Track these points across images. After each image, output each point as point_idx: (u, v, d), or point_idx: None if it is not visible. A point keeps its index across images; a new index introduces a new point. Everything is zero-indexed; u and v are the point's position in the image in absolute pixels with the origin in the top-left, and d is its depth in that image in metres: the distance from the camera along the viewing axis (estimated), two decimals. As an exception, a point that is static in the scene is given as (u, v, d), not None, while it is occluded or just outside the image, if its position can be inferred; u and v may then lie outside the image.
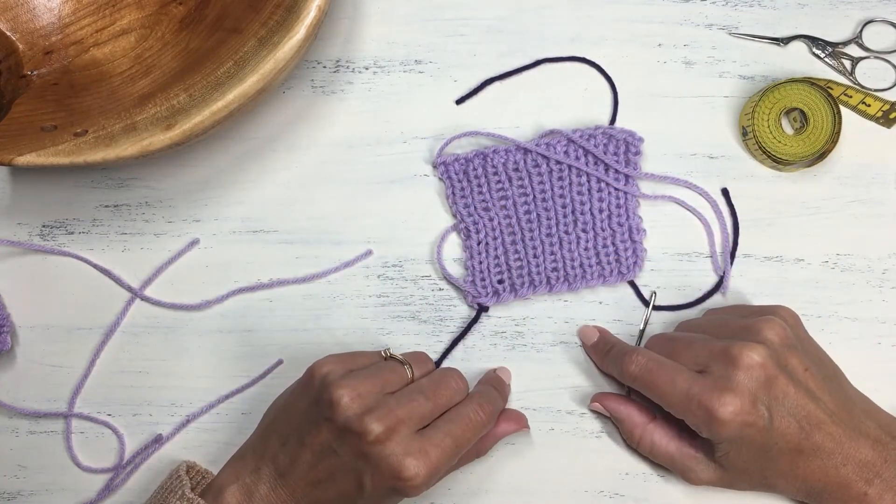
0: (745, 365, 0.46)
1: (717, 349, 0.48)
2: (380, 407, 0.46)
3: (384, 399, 0.47)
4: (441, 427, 0.47)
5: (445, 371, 0.51)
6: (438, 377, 0.50)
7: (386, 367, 0.50)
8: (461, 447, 0.48)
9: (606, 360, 0.54)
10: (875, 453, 0.47)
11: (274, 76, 0.50)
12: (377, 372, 0.49)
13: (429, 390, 0.48)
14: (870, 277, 0.57)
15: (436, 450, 0.46)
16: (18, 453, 0.57)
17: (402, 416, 0.46)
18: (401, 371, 0.50)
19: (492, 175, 0.57)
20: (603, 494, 0.55)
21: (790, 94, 0.56)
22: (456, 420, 0.48)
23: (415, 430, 0.47)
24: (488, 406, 0.50)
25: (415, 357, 0.52)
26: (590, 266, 0.57)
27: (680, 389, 0.47)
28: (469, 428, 0.48)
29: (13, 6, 0.58)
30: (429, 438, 0.46)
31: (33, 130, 0.53)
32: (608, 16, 0.60)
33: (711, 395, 0.46)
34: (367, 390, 0.47)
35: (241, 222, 0.59)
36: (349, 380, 0.47)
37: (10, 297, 0.59)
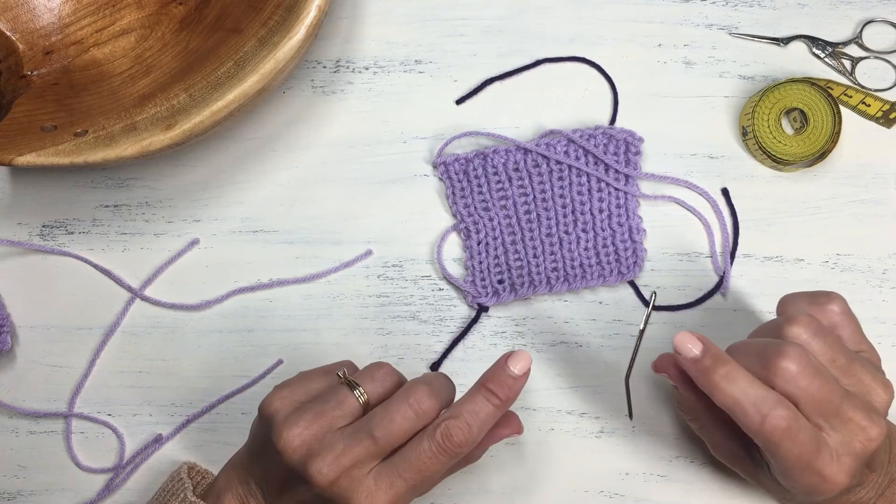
0: (869, 439, 0.43)
1: (851, 418, 0.43)
2: (325, 451, 0.43)
3: (332, 440, 0.44)
4: (395, 466, 0.44)
5: (408, 392, 0.44)
6: (396, 404, 0.44)
7: (335, 396, 0.45)
8: (420, 484, 0.44)
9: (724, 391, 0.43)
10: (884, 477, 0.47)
11: (274, 76, 0.50)
12: (325, 407, 0.45)
13: (379, 427, 0.43)
14: (870, 277, 0.57)
15: (388, 493, 0.44)
16: (18, 453, 0.57)
17: (346, 464, 0.43)
18: (351, 400, 0.45)
19: (492, 175, 0.57)
20: (603, 494, 0.55)
21: (790, 94, 0.56)
22: (412, 457, 0.44)
23: (366, 470, 0.44)
24: (454, 439, 0.43)
25: (370, 376, 0.47)
26: (590, 266, 0.57)
27: (813, 461, 0.42)
28: (429, 465, 0.43)
29: (13, 6, 0.58)
30: (380, 480, 0.44)
31: (33, 130, 0.53)
32: (608, 16, 0.60)
33: (833, 470, 0.43)
34: (311, 433, 0.44)
35: (241, 222, 0.59)
36: (293, 424, 0.44)
37: (10, 297, 0.59)
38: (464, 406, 0.44)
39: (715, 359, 0.43)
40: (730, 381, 0.43)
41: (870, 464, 0.46)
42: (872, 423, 0.43)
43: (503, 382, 0.45)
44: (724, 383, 0.43)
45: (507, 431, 0.49)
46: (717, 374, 0.43)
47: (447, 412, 0.44)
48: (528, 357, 0.46)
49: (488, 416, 0.44)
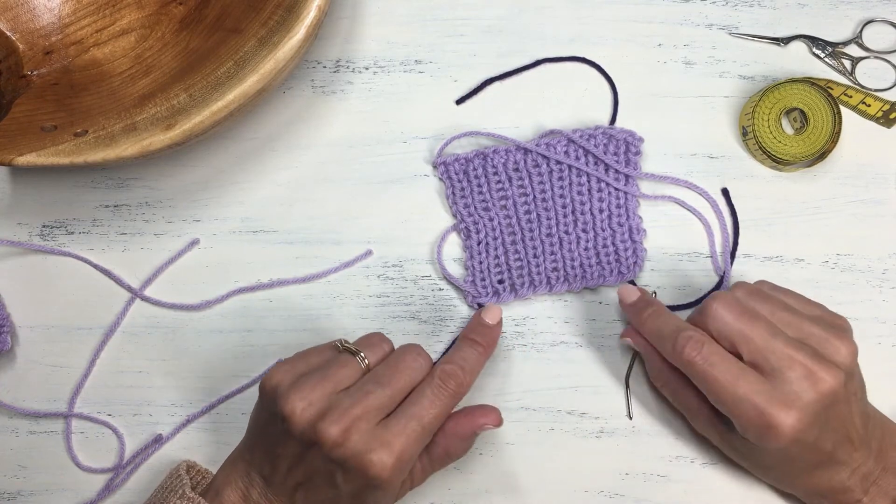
0: (822, 385, 0.44)
1: (800, 360, 0.45)
2: (333, 409, 0.45)
3: (337, 399, 0.45)
4: (403, 412, 0.46)
5: (403, 350, 0.48)
6: (395, 360, 0.48)
7: (336, 362, 0.47)
8: (428, 428, 0.46)
9: (649, 327, 0.50)
10: (875, 463, 0.48)
11: (274, 76, 0.50)
12: (327, 371, 0.47)
13: (384, 377, 0.46)
14: (870, 277, 0.57)
15: (399, 438, 0.45)
16: (18, 453, 0.57)
17: (357, 413, 0.45)
18: (353, 363, 0.47)
19: (492, 175, 0.57)
20: (603, 494, 0.55)
21: (790, 94, 0.56)
22: (417, 402, 0.46)
23: (375, 422, 0.45)
24: (451, 380, 0.47)
25: (368, 342, 0.49)
26: (590, 266, 0.57)
27: (741, 392, 0.45)
28: (431, 407, 0.46)
29: (13, 6, 0.58)
30: (390, 428, 0.45)
31: (33, 130, 0.53)
32: (608, 16, 0.60)
33: (776, 407, 0.44)
34: (317, 395, 0.45)
35: (241, 222, 0.59)
36: (298, 388, 0.46)
37: (10, 297, 0.59)
38: (454, 354, 0.50)
39: (646, 302, 0.52)
40: (655, 316, 0.50)
41: (847, 434, 0.46)
42: (820, 366, 0.45)
43: (481, 331, 0.52)
44: (650, 320, 0.50)
45: (484, 420, 0.50)
46: (645, 312, 0.51)
47: (439, 362, 0.49)
48: (498, 309, 0.53)
49: (475, 360, 0.50)
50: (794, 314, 0.47)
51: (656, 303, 0.51)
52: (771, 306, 0.48)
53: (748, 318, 0.47)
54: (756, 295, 0.48)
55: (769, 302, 0.48)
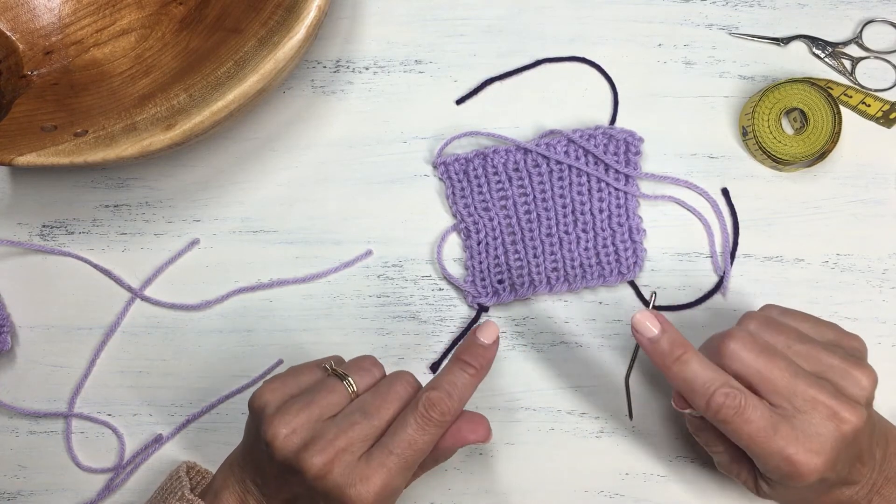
0: (845, 424, 0.43)
1: (822, 401, 0.43)
2: (317, 439, 0.44)
3: (323, 428, 0.44)
4: (385, 444, 0.44)
5: (392, 378, 0.47)
6: (384, 388, 0.46)
7: (324, 387, 0.46)
8: (411, 460, 0.45)
9: (678, 374, 0.44)
10: (878, 474, 0.47)
11: (274, 76, 0.50)
12: (314, 397, 0.45)
13: (371, 406, 0.45)
14: (870, 277, 0.57)
15: (380, 472, 0.44)
16: (18, 453, 0.57)
17: (341, 445, 0.44)
18: (340, 389, 0.46)
19: (492, 175, 0.57)
20: (603, 494, 0.55)
21: (790, 94, 0.56)
22: (400, 432, 0.44)
23: (359, 454, 0.44)
24: (435, 409, 0.44)
25: (357, 366, 0.48)
26: (590, 266, 0.57)
27: (775, 446, 0.43)
28: (415, 441, 0.44)
29: (13, 6, 0.58)
30: (371, 462, 0.44)
31: (33, 130, 0.53)
32: (608, 16, 0.60)
33: (799, 452, 0.43)
34: (301, 422, 0.44)
35: (241, 222, 0.59)
36: (283, 414, 0.45)
37: (10, 297, 0.59)
38: (442, 378, 0.46)
39: (671, 342, 0.44)
40: (682, 364, 0.44)
41: (859, 455, 0.46)
42: (843, 405, 0.43)
43: (475, 353, 0.47)
44: (676, 366, 0.44)
45: (473, 436, 0.47)
46: (671, 356, 0.44)
47: (427, 386, 0.46)
48: (494, 326, 0.48)
49: (465, 384, 0.46)
50: (810, 344, 0.45)
51: (679, 346, 0.44)
52: (786, 338, 0.46)
53: (767, 357, 0.44)
54: (769, 327, 0.46)
55: (783, 333, 0.46)
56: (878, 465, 0.47)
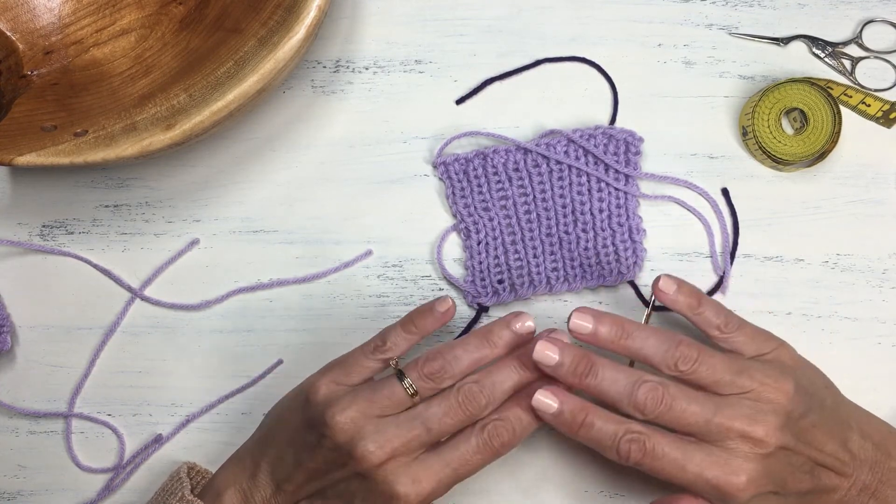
0: (758, 443, 0.45)
1: (727, 427, 0.45)
2: (376, 433, 0.45)
3: (383, 424, 0.46)
4: (442, 456, 0.46)
5: (462, 396, 0.46)
6: (448, 405, 0.46)
7: (386, 387, 0.47)
8: (461, 476, 0.46)
9: (586, 438, 0.47)
10: (871, 475, 0.48)
11: (274, 76, 0.50)
12: (374, 395, 0.47)
13: (433, 419, 0.46)
14: (870, 277, 0.57)
15: (431, 479, 0.45)
16: (18, 453, 0.57)
17: (398, 446, 0.45)
18: (400, 392, 0.47)
19: (492, 175, 0.57)
20: (603, 494, 0.55)
21: (790, 94, 0.56)
22: (459, 449, 0.46)
23: (414, 456, 0.46)
24: (497, 439, 0.46)
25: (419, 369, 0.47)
26: (590, 266, 0.57)
27: (691, 474, 0.45)
28: (471, 460, 0.46)
29: (13, 6, 0.58)
30: (426, 467, 0.46)
31: (33, 130, 0.53)
32: (608, 16, 0.60)
33: (719, 475, 0.44)
34: (363, 413, 0.46)
35: (241, 222, 0.59)
36: (347, 404, 0.46)
37: (10, 297, 0.59)
38: (510, 410, 0.47)
39: (572, 411, 0.46)
40: (587, 427, 0.46)
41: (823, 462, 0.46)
42: (755, 424, 0.45)
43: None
44: (582, 431, 0.46)
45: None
46: (575, 424, 0.46)
47: (496, 413, 0.47)
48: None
49: (530, 422, 0.47)
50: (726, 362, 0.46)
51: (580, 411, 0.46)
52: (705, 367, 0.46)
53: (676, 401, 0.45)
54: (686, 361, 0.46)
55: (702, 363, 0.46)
56: (870, 466, 0.47)
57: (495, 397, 0.47)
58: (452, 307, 0.50)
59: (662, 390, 0.45)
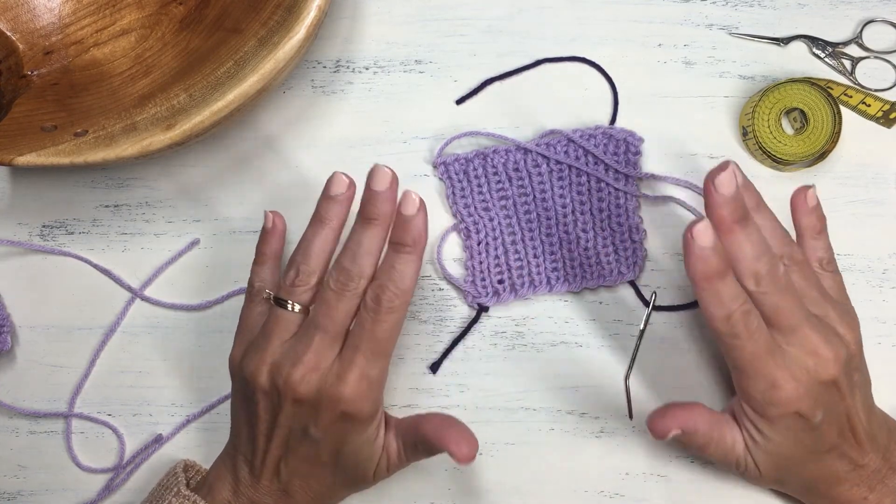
0: (822, 363, 0.46)
1: (804, 336, 0.46)
2: (287, 359, 0.47)
3: (289, 348, 0.47)
4: (350, 345, 0.47)
5: (333, 285, 0.47)
6: (327, 300, 0.47)
7: (273, 318, 0.49)
8: (379, 350, 0.47)
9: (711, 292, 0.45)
10: (882, 461, 0.48)
11: (274, 76, 0.50)
12: (269, 329, 0.49)
13: (322, 318, 0.47)
14: (870, 277, 0.57)
15: (352, 368, 0.46)
16: (18, 453, 0.57)
17: (310, 358, 0.46)
18: (287, 315, 0.48)
19: (492, 175, 0.57)
20: (603, 494, 0.55)
21: (790, 94, 0.56)
22: (358, 332, 0.47)
23: (330, 359, 0.47)
24: (382, 298, 0.46)
25: (290, 287, 0.49)
26: (590, 266, 0.57)
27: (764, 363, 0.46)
28: (374, 333, 0.46)
29: (13, 6, 0.58)
30: (343, 361, 0.47)
31: (33, 130, 0.53)
32: (608, 16, 0.60)
33: (785, 377, 0.45)
34: (269, 354, 0.48)
35: (241, 222, 0.59)
36: (250, 356, 0.48)
37: (10, 297, 0.59)
38: (383, 270, 0.47)
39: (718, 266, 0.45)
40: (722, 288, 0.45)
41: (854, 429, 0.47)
42: (828, 346, 0.46)
43: (404, 228, 0.47)
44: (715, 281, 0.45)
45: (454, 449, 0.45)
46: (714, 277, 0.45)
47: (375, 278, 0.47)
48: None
49: (406, 265, 0.47)
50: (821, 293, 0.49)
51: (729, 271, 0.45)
52: (807, 283, 0.48)
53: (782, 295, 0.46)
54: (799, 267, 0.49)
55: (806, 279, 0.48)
56: (883, 451, 0.48)
57: (364, 262, 0.47)
58: (275, 221, 0.53)
59: (784, 270, 0.46)
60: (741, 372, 0.47)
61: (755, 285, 0.46)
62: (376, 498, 0.54)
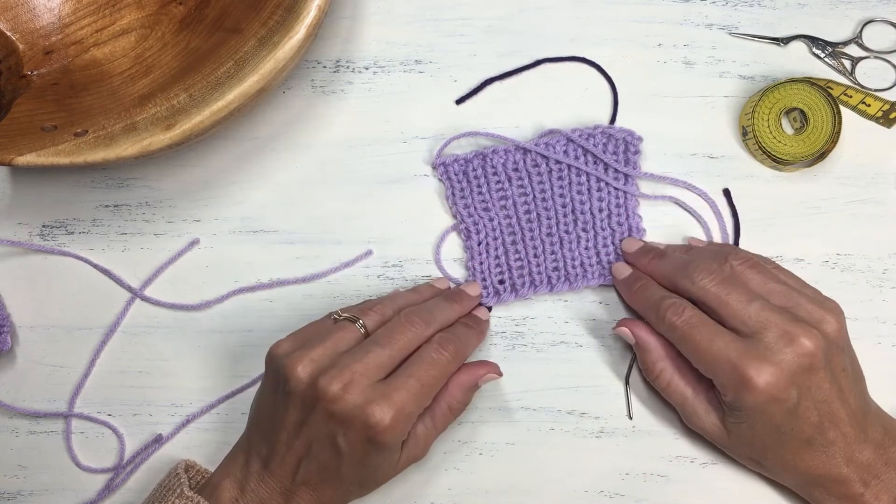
0: (798, 347, 0.46)
1: (776, 322, 0.47)
2: (334, 366, 0.47)
3: (338, 358, 0.47)
4: (403, 371, 0.48)
5: (404, 316, 0.50)
6: (394, 324, 0.50)
7: (336, 328, 0.50)
8: (427, 387, 0.48)
9: (638, 299, 0.53)
10: (876, 456, 0.48)
11: (274, 76, 0.50)
12: (327, 336, 0.49)
13: (383, 338, 0.48)
14: (870, 277, 0.57)
15: (399, 392, 0.46)
16: (18, 453, 0.57)
17: (358, 370, 0.46)
18: (352, 329, 0.50)
19: (491, 175, 0.57)
20: (603, 494, 0.55)
21: (790, 94, 0.56)
22: (417, 362, 0.48)
23: (375, 379, 0.47)
24: (450, 345, 0.49)
25: (363, 311, 0.51)
26: (590, 266, 0.57)
27: (718, 349, 0.47)
28: (431, 367, 0.48)
29: (13, 6, 0.58)
30: (389, 383, 0.47)
31: (33, 130, 0.53)
32: (608, 16, 0.60)
33: (750, 362, 0.46)
34: (318, 354, 0.48)
35: (241, 222, 0.59)
36: (300, 351, 0.48)
37: (10, 297, 0.59)
38: (457, 327, 0.52)
39: (636, 277, 0.54)
40: (643, 290, 0.52)
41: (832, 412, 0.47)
42: (799, 329, 0.46)
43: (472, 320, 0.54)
44: (638, 293, 0.53)
45: (485, 370, 0.52)
46: (635, 286, 0.53)
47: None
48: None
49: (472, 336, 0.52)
50: (786, 287, 0.50)
51: (644, 277, 0.53)
52: (763, 277, 0.50)
53: (727, 284, 0.49)
54: (750, 266, 0.50)
55: (762, 273, 0.50)
56: (874, 445, 0.48)
57: (439, 317, 0.51)
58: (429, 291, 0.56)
59: (718, 268, 0.50)
60: (703, 366, 0.48)
61: (690, 283, 0.49)
62: (377, 498, 0.54)
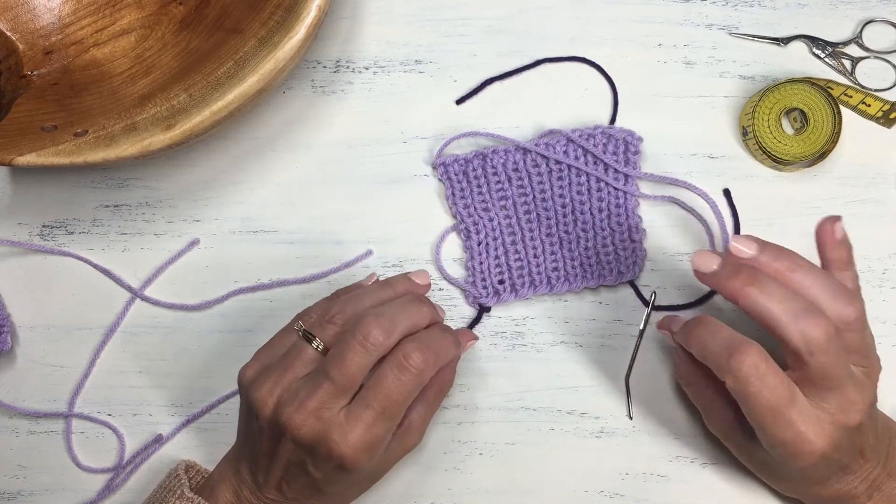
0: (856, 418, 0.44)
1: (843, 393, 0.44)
2: (290, 398, 0.46)
3: (295, 388, 0.46)
4: (363, 398, 0.45)
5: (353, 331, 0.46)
6: (346, 346, 0.45)
7: (294, 351, 0.48)
8: (389, 410, 0.45)
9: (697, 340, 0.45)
10: (881, 469, 0.48)
11: (274, 76, 0.50)
12: (285, 361, 0.47)
13: (334, 368, 0.45)
14: (870, 277, 0.57)
15: (357, 424, 0.45)
16: (18, 453, 0.57)
17: (312, 406, 0.45)
18: (309, 351, 0.47)
19: (491, 175, 0.57)
20: (603, 494, 0.55)
21: (790, 94, 0.56)
22: (375, 387, 0.45)
23: (336, 408, 0.45)
24: (415, 356, 0.45)
25: (322, 323, 0.48)
26: (590, 266, 0.57)
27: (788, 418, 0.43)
28: (392, 393, 0.45)
29: (13, 6, 0.58)
30: (350, 412, 0.45)
31: (33, 130, 0.53)
32: (608, 16, 0.60)
33: (811, 431, 0.43)
34: (280, 381, 0.46)
35: (241, 222, 0.59)
36: (261, 382, 0.47)
37: (10, 297, 0.59)
38: (427, 334, 0.47)
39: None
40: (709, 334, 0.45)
41: (861, 449, 0.46)
42: (860, 394, 0.45)
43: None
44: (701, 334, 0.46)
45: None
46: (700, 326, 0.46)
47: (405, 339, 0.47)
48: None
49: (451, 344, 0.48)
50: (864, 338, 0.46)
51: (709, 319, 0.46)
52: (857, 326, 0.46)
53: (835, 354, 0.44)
54: None
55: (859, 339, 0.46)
56: (883, 461, 0.48)
57: (397, 325, 0.46)
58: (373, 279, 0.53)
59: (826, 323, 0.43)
60: (761, 427, 0.44)
61: (808, 354, 0.43)
62: (376, 497, 0.54)
